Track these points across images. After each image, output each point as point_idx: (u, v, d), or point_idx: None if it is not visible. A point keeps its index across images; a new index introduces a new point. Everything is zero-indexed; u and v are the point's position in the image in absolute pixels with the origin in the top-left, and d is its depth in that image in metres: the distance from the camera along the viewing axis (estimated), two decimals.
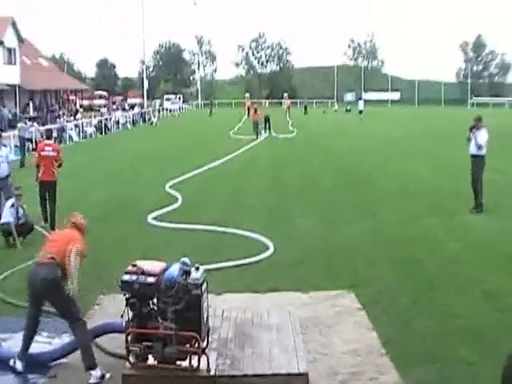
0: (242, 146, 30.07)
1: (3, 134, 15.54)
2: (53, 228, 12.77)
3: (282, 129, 40.97)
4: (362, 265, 9.98)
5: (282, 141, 34.24)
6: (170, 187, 17.51)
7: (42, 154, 13.11)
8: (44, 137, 15.55)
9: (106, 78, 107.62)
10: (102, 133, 41.61)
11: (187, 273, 6.01)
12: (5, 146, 14.14)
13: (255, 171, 21.95)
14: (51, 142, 13.97)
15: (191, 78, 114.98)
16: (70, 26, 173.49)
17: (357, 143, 32.31)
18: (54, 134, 33.01)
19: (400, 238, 11.67)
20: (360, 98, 73.12)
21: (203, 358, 5.96)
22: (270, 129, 39.24)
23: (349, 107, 76.49)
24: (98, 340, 6.65)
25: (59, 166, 13.35)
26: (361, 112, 60.08)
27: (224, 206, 15.13)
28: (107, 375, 6.19)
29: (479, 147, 13.84)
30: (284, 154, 27.57)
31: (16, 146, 26.75)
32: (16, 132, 28.09)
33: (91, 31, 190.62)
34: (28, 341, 6.46)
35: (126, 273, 6.09)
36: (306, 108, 69.58)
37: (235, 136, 37.45)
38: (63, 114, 47.89)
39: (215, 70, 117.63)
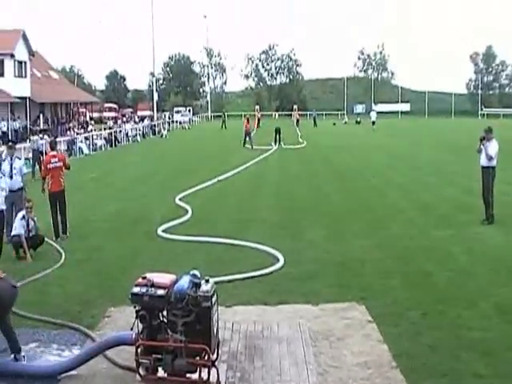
0: (252, 158, 30.13)
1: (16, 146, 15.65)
2: (64, 232, 13.01)
3: (291, 140, 41.14)
4: (372, 277, 9.98)
5: (291, 153, 34.30)
6: (180, 199, 17.59)
7: (49, 166, 13.38)
8: (49, 148, 15.64)
9: (116, 90, 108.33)
10: (111, 145, 41.88)
11: (197, 285, 6.05)
12: (18, 158, 14.31)
13: (265, 183, 22.00)
14: (56, 152, 14.15)
15: (201, 90, 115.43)
16: (80, 39, 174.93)
17: (366, 155, 32.32)
18: (64, 147, 33.39)
19: (410, 251, 11.66)
20: (372, 110, 73.30)
21: (213, 371, 5.99)
22: (280, 141, 39.47)
23: (359, 119, 76.56)
24: (107, 352, 6.69)
25: (68, 168, 13.75)
26: (373, 123, 60.41)
27: (234, 218, 15.17)
28: None
29: (490, 158, 13.83)
30: (293, 166, 27.63)
31: (26, 159, 26.95)
32: (27, 144, 28.32)
33: (101, 43, 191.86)
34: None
35: (136, 285, 6.14)
36: (315, 120, 69.79)
37: (246, 146, 38.01)
38: (74, 126, 48.23)
39: (225, 82, 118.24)
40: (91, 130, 45.04)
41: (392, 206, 16.66)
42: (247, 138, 38.69)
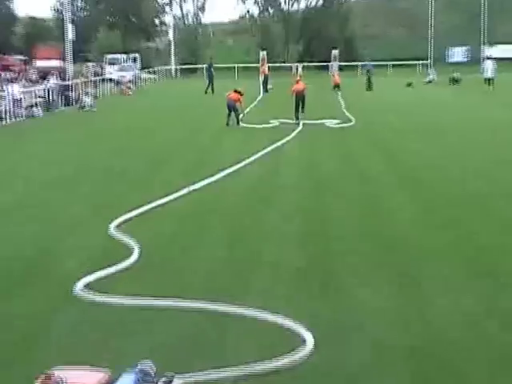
0: (257, 147, 30.24)
1: None
2: None
3: (328, 114, 41.40)
4: (482, 373, 9.96)
5: (324, 137, 34.54)
6: (118, 227, 17.61)
7: None
8: None
9: None
10: None
11: None
12: None
13: (277, 194, 22.02)
14: None
15: (157, 21, 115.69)
16: None
17: (460, 145, 32.37)
18: None
19: None
20: (488, 57, 73.46)
21: None
22: (302, 113, 39.90)
23: (456, 75, 76.62)
24: None
25: None
26: (490, 81, 60.64)
27: (219, 262, 15.19)
28: None
29: None
30: (327, 162, 27.93)
31: None
32: None
33: None
34: None
35: None
36: (369, 77, 69.78)
37: (245, 124, 39.24)
38: None
39: (202, 9, 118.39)
40: None
41: (501, 232, 16.83)
42: (235, 112, 40.41)
